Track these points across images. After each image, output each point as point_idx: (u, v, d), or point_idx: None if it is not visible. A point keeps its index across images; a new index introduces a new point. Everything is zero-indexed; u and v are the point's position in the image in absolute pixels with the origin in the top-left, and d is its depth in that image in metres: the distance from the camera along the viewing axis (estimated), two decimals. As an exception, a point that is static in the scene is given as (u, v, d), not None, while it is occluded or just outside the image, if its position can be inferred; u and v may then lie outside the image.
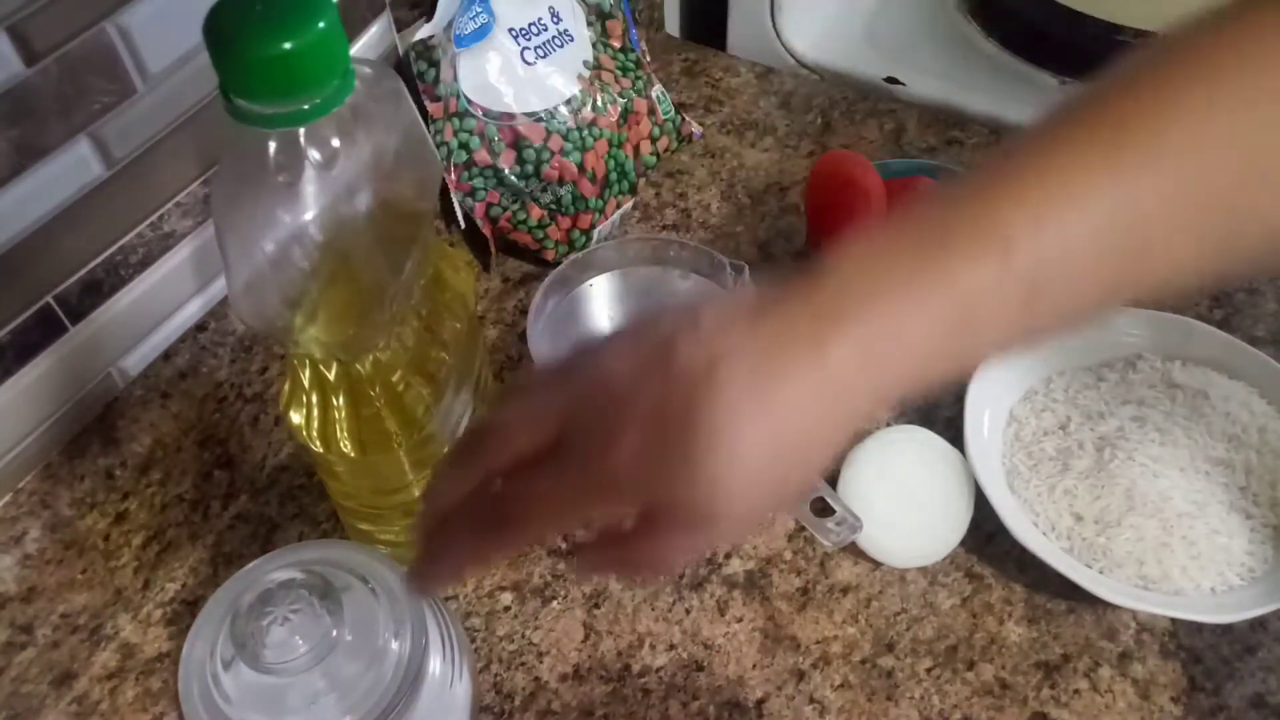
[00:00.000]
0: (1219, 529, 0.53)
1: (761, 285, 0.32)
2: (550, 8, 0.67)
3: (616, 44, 0.71)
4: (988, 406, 0.59)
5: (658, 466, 0.29)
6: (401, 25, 0.64)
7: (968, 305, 0.29)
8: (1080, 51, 0.80)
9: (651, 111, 0.72)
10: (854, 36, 0.87)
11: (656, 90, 0.72)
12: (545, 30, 0.67)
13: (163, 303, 0.54)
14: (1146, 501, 0.54)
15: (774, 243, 0.72)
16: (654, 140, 0.73)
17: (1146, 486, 0.54)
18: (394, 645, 0.40)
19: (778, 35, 0.85)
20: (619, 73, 0.70)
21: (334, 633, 0.39)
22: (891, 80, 0.82)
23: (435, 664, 0.43)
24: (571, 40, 0.68)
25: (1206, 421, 0.57)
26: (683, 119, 0.75)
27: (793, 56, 0.85)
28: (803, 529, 0.57)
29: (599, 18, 0.70)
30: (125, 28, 0.46)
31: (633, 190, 0.71)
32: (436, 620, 0.43)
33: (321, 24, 0.33)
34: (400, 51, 0.65)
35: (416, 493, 0.50)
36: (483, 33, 0.64)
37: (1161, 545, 0.53)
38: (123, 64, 0.47)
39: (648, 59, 0.73)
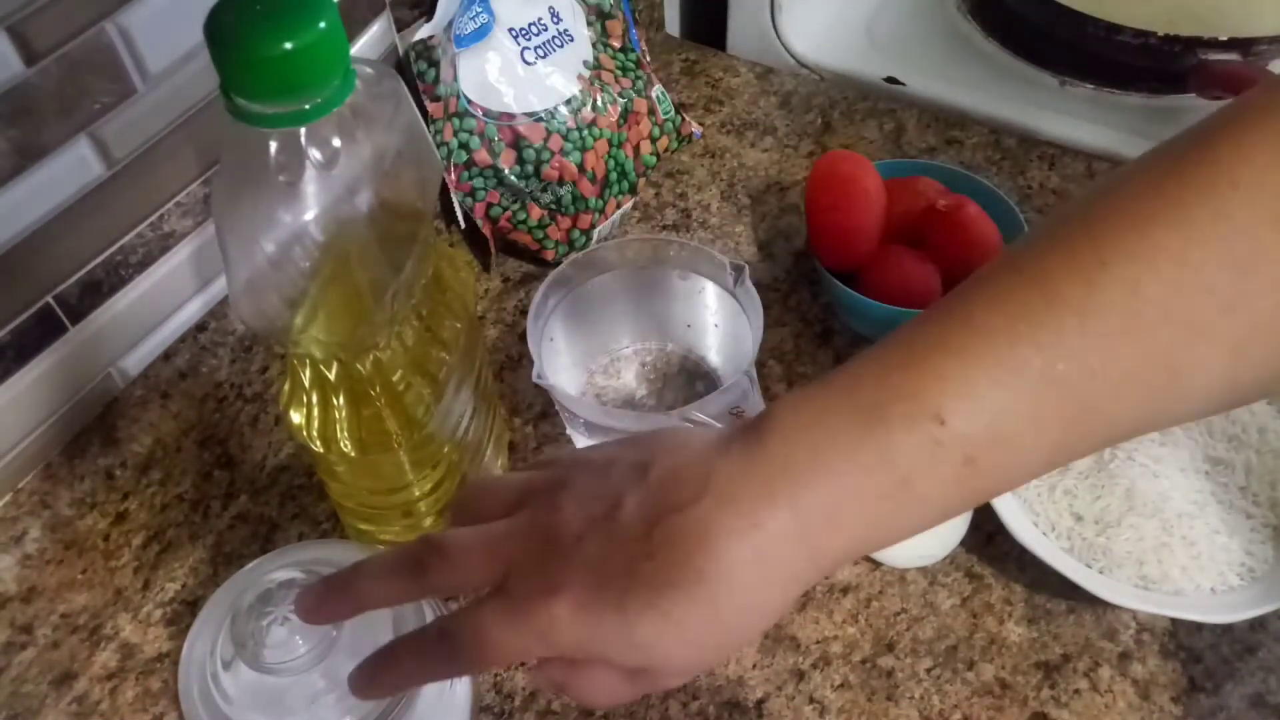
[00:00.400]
0: (1219, 529, 0.53)
1: (713, 431, 0.32)
2: (550, 8, 0.67)
3: (616, 44, 0.71)
4: None
5: (595, 625, 0.30)
6: (401, 25, 0.64)
7: (904, 479, 0.29)
8: (1080, 51, 0.80)
9: (651, 111, 0.72)
10: (854, 36, 0.87)
11: (656, 90, 0.72)
12: (545, 30, 0.67)
13: (163, 303, 0.54)
14: (1146, 501, 0.54)
15: (774, 243, 0.72)
16: (654, 140, 0.73)
17: (1146, 486, 0.54)
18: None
19: (778, 35, 0.85)
20: (619, 72, 0.70)
21: (334, 632, 0.39)
22: (891, 80, 0.82)
23: None
24: (571, 40, 0.68)
25: (1206, 421, 0.57)
26: (683, 119, 0.75)
27: (793, 56, 0.85)
28: (803, 529, 0.57)
29: (599, 17, 0.70)
30: (125, 28, 0.46)
31: (633, 190, 0.71)
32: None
33: (322, 24, 0.33)
34: (400, 51, 0.65)
35: (417, 493, 0.50)
36: (482, 33, 0.64)
37: (1161, 545, 0.53)
38: (123, 64, 0.47)
39: (647, 59, 0.73)
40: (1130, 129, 0.78)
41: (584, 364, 0.64)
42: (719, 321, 0.61)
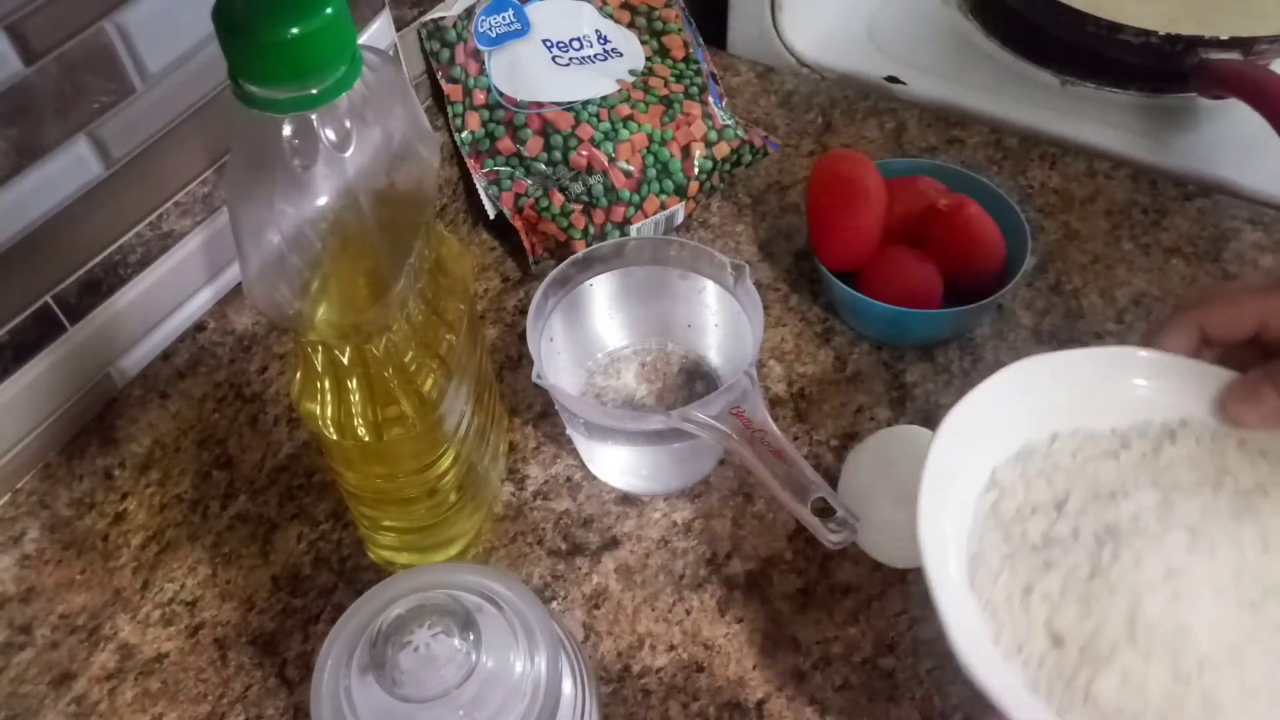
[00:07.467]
0: (1260, 688, 0.36)
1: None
2: (597, 30, 0.69)
3: (679, 55, 0.72)
4: (964, 459, 0.43)
5: None
6: (401, 24, 0.64)
7: None
8: (1081, 50, 0.80)
9: (708, 116, 0.70)
10: (854, 36, 0.87)
11: (714, 96, 0.72)
12: (587, 46, 0.70)
13: (162, 302, 0.54)
14: (1155, 631, 0.37)
15: (774, 243, 0.72)
16: (709, 144, 0.70)
17: (1159, 609, 0.38)
18: (529, 670, 0.38)
19: (778, 34, 0.85)
20: (672, 79, 0.71)
21: (473, 658, 0.37)
22: (892, 79, 0.82)
23: (567, 686, 0.41)
24: (620, 55, 0.70)
25: (1262, 528, 0.40)
26: (747, 129, 0.72)
27: (793, 56, 0.85)
28: (803, 529, 0.57)
29: (653, 35, 0.72)
30: (124, 26, 0.46)
31: (680, 193, 0.70)
32: (566, 646, 0.41)
33: (329, 9, 0.33)
34: (398, 49, 0.65)
35: (430, 476, 0.50)
36: (513, 35, 0.67)
37: (1170, 700, 0.37)
38: (121, 63, 0.47)
39: (713, 69, 0.73)
40: (1131, 128, 0.78)
41: (584, 364, 0.64)
42: (719, 321, 0.61)
